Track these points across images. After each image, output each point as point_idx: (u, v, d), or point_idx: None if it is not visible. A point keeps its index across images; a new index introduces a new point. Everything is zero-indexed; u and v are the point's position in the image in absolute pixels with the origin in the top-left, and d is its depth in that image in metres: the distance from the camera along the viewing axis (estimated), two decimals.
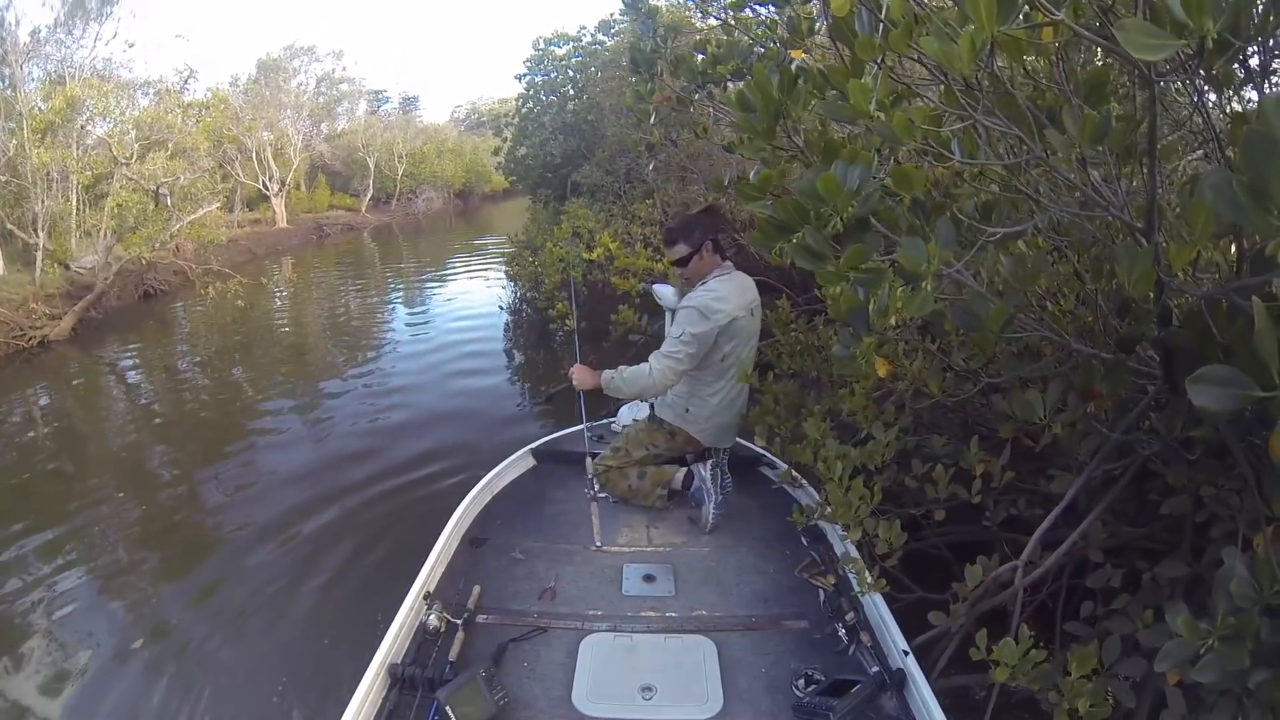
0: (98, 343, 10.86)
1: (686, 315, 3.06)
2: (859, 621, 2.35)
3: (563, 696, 2.14)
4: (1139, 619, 1.85)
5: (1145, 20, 0.98)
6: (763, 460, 3.59)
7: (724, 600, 2.64)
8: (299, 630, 3.63)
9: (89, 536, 4.76)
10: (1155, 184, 1.52)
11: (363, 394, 7.83)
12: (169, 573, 4.31)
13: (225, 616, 3.78)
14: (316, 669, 3.31)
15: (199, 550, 4.57)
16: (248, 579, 4.14)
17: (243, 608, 3.84)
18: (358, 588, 3.94)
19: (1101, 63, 1.89)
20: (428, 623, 2.39)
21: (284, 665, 3.35)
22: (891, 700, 2.06)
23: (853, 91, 1.41)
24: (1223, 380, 1.06)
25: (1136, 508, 2.38)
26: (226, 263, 13.72)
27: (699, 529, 3.10)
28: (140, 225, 12.12)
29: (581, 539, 3.03)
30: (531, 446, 3.74)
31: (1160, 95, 1.83)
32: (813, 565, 2.73)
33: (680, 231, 3.26)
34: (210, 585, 4.11)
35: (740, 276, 3.27)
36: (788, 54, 2.94)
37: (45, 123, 12.35)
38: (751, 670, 2.25)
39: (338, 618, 3.68)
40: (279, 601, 3.90)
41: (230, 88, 24.53)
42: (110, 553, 4.54)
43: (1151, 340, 1.97)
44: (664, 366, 3.05)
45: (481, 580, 2.69)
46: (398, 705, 2.09)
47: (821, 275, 1.55)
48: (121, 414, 7.98)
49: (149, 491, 5.66)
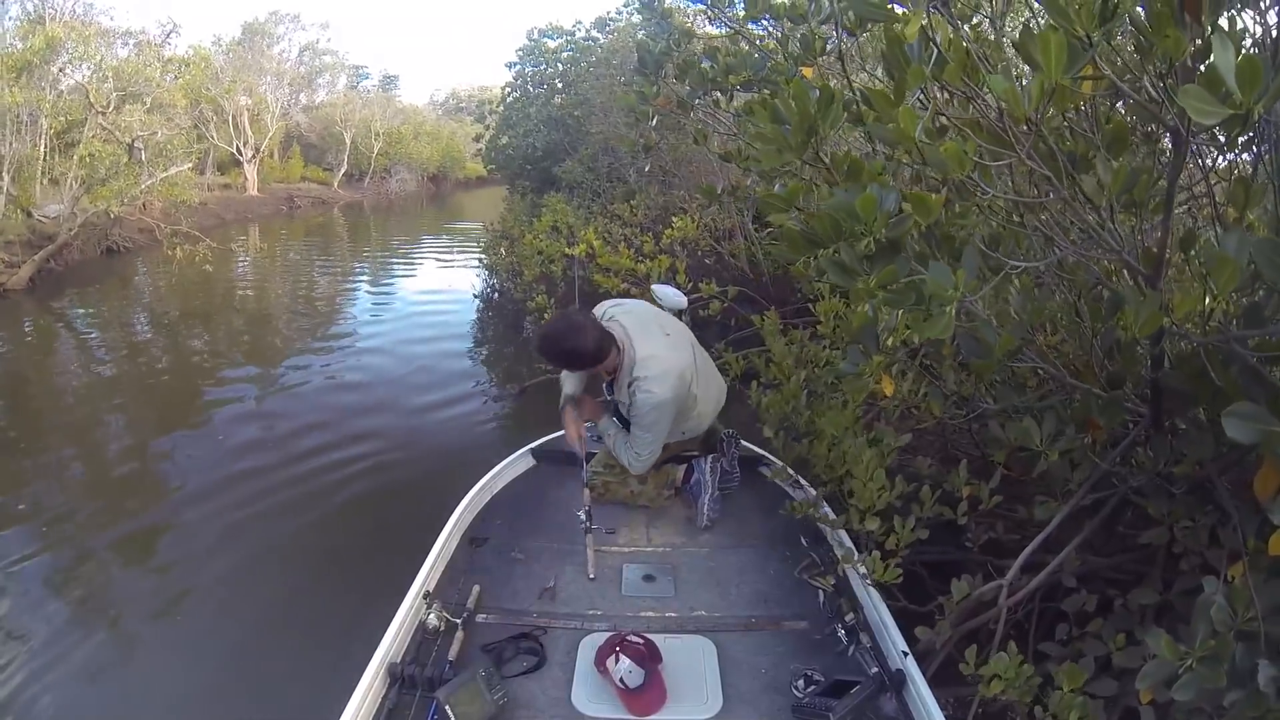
0: (56, 295, 10.60)
1: (655, 414, 2.88)
2: (859, 622, 2.37)
3: (562, 696, 2.14)
4: (1111, 641, 1.96)
5: (1198, 86, 1.06)
6: (763, 460, 3.60)
7: (723, 600, 2.65)
8: (248, 615, 3.56)
9: (32, 499, 4.65)
10: (1168, 235, 1.62)
11: (325, 371, 7.70)
12: (117, 546, 4.20)
13: (168, 596, 3.70)
14: (263, 656, 3.27)
15: (147, 526, 4.45)
16: (195, 557, 4.05)
17: (189, 587, 3.77)
18: (304, 568, 3.92)
19: (1123, 116, 1.99)
20: (427, 622, 2.38)
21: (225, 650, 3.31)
22: (891, 701, 2.09)
23: (902, 117, 1.48)
24: (1250, 416, 1.16)
25: (1105, 539, 2.50)
26: (195, 226, 13.42)
27: (696, 524, 3.11)
28: (111, 178, 11.82)
29: (581, 539, 3.01)
30: (531, 446, 3.71)
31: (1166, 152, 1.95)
32: (813, 566, 2.75)
33: (571, 357, 2.92)
34: (161, 565, 4.04)
35: (639, 312, 3.07)
36: (798, 70, 3.03)
37: (22, 62, 12.00)
38: (751, 671, 2.26)
39: (285, 599, 3.65)
40: (223, 579, 3.84)
41: (212, 47, 24.05)
42: (57, 521, 4.41)
43: (1138, 380, 2.09)
44: (633, 459, 3.00)
45: (481, 580, 2.68)
46: (397, 704, 2.08)
47: (853, 291, 1.61)
48: (75, 371, 7.80)
49: (98, 454, 5.57)
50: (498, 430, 6.08)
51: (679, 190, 8.80)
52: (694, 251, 7.56)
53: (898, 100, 1.67)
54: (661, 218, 8.65)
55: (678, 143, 7.37)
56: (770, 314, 4.14)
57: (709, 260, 7.64)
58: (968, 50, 1.45)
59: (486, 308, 10.83)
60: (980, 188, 1.67)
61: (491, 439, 5.84)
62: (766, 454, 3.58)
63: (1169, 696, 1.51)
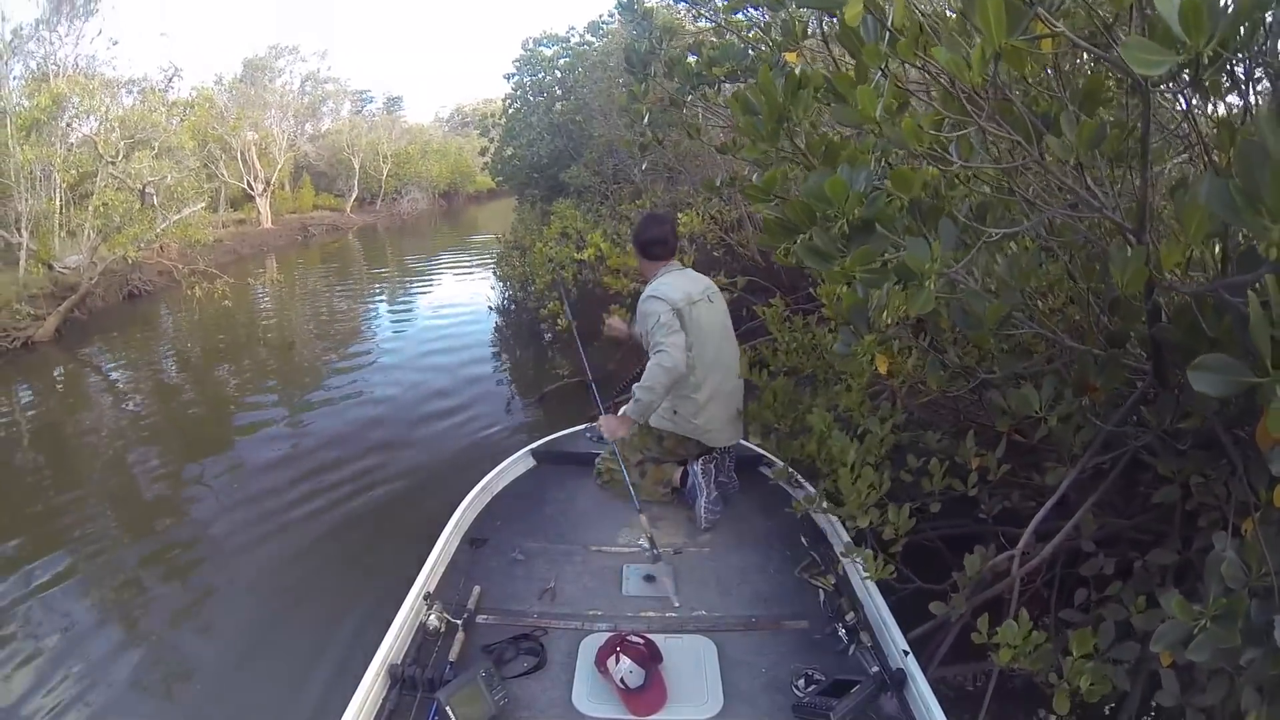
0: (82, 343, 10.79)
1: (642, 309, 3.23)
2: (859, 621, 2.37)
3: (562, 696, 2.15)
4: (1132, 605, 1.92)
5: (1144, 36, 1.04)
6: (763, 460, 3.61)
7: (724, 600, 2.65)
8: (289, 636, 3.59)
9: (73, 542, 4.71)
10: (1147, 187, 1.59)
11: (351, 393, 7.80)
12: (156, 576, 4.28)
13: (208, 620, 3.78)
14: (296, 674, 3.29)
15: (185, 555, 4.54)
16: (235, 581, 4.13)
17: (227, 614, 3.82)
18: (342, 586, 3.93)
19: (1094, 71, 1.95)
20: (428, 623, 2.40)
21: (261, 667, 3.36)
22: (891, 700, 2.08)
23: (860, 97, 1.47)
24: (1220, 368, 1.14)
25: (1125, 500, 2.46)
26: (211, 263, 13.61)
27: (692, 523, 3.12)
28: (126, 225, 12.01)
29: (581, 539, 3.04)
30: (531, 447, 3.74)
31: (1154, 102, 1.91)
32: (813, 565, 2.75)
33: (643, 229, 3.48)
34: (200, 590, 4.10)
35: (686, 271, 3.43)
36: (782, 57, 3.01)
37: (30, 120, 12.22)
38: (751, 670, 2.26)
39: (322, 614, 3.66)
40: (262, 603, 3.89)
41: (215, 86, 24.38)
42: (96, 557, 4.50)
43: (1141, 337, 2.05)
44: (658, 350, 3.07)
45: (481, 580, 2.70)
46: (398, 705, 2.10)
47: (829, 275, 1.60)
48: (106, 412, 7.93)
49: (129, 485, 5.69)
50: (519, 437, 6.07)
51: (684, 186, 8.79)
52: (703, 245, 7.56)
53: (860, 80, 1.66)
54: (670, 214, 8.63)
55: (679, 139, 7.36)
56: (775, 302, 4.12)
57: (718, 252, 7.63)
58: (920, 25, 1.43)
59: (503, 319, 10.91)
60: (950, 158, 1.65)
61: (513, 445, 5.82)
62: (767, 454, 3.59)
63: (1187, 658, 1.48)
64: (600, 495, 3.40)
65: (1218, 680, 1.61)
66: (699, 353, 3.18)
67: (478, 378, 8.03)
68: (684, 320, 3.13)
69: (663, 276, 3.30)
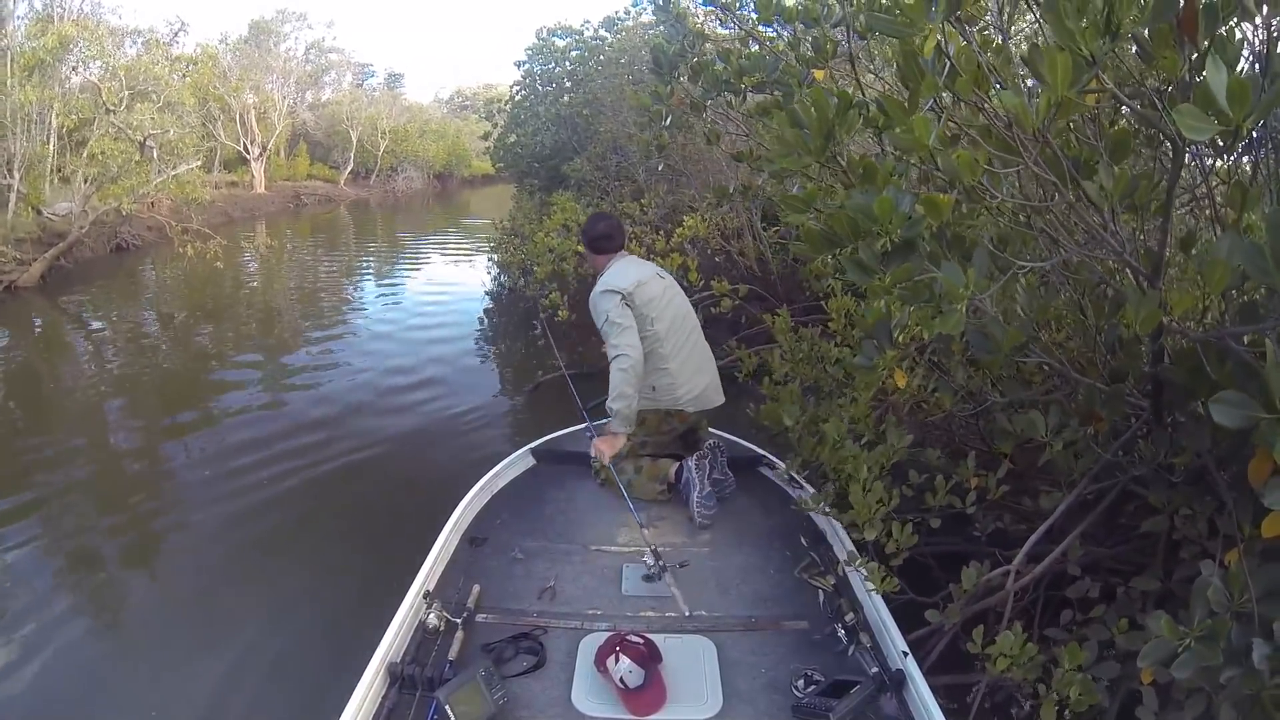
0: (66, 291, 10.71)
1: (593, 304, 3.39)
2: (858, 622, 2.39)
3: (562, 696, 2.15)
4: (1114, 627, 2.04)
5: (1193, 104, 1.15)
6: (763, 460, 3.65)
7: (724, 600, 2.65)
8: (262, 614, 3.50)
9: (38, 486, 4.72)
10: (1167, 237, 1.71)
11: (332, 366, 7.73)
12: (126, 545, 4.21)
13: (182, 591, 3.71)
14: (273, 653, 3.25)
15: (157, 535, 4.42)
16: (203, 548, 4.08)
17: (199, 583, 3.76)
18: (303, 564, 3.89)
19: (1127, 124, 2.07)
20: (427, 622, 2.40)
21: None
22: (891, 701, 2.11)
23: (916, 126, 1.57)
24: (1237, 403, 1.26)
25: (1106, 531, 2.59)
26: (203, 223, 13.54)
27: (692, 523, 3.14)
28: (122, 175, 11.89)
29: (581, 538, 3.05)
30: (531, 446, 3.75)
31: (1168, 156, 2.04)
32: (812, 566, 2.77)
33: (582, 239, 3.73)
34: (161, 553, 4.09)
35: (631, 258, 3.60)
36: (810, 73, 3.11)
37: (34, 60, 12.07)
38: (751, 670, 2.27)
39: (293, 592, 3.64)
40: (235, 570, 3.85)
41: (219, 45, 24.16)
42: (66, 516, 4.47)
43: (1139, 375, 2.17)
44: (615, 344, 3.23)
45: (481, 579, 2.70)
46: (397, 704, 2.10)
47: (870, 288, 1.70)
48: (84, 365, 7.92)
49: (103, 445, 5.66)
50: (510, 427, 6.11)
51: (688, 189, 8.88)
52: (704, 250, 7.67)
53: (911, 109, 1.76)
54: (670, 216, 8.73)
55: (687, 142, 7.44)
56: (782, 312, 4.23)
57: (719, 259, 7.74)
58: (979, 63, 1.54)
59: (496, 304, 10.91)
60: (989, 191, 1.75)
61: (503, 436, 5.84)
62: (767, 454, 3.63)
63: (1169, 676, 1.60)
64: (600, 495, 3.41)
65: (1196, 698, 1.73)
66: (660, 326, 3.34)
67: (468, 365, 7.94)
68: (635, 301, 3.29)
69: (611, 267, 3.49)
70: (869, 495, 2.38)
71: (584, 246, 3.67)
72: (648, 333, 3.32)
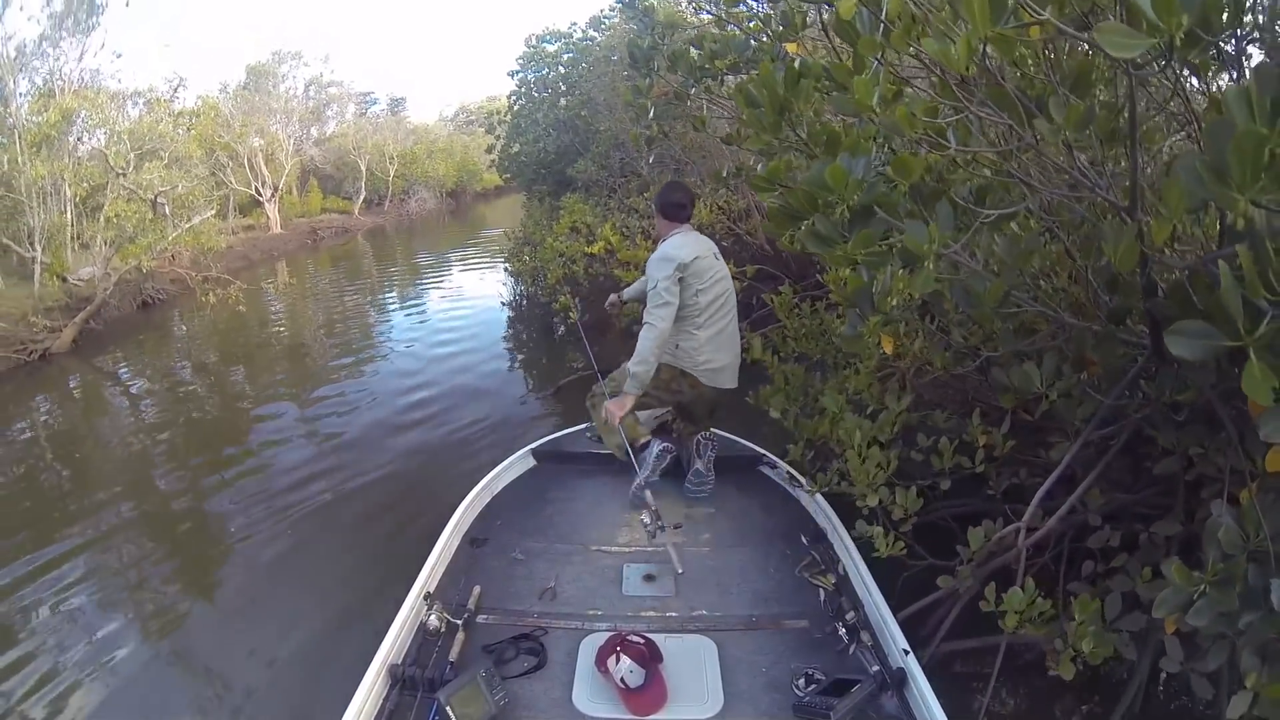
0: (99, 353, 10.89)
1: (651, 267, 3.40)
2: (859, 621, 2.38)
3: (563, 696, 2.16)
4: (1138, 576, 1.97)
5: (1121, 21, 1.08)
6: (763, 460, 3.63)
7: (724, 600, 2.65)
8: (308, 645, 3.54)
9: (96, 550, 4.75)
10: (1136, 166, 1.63)
11: (363, 390, 7.84)
12: (181, 586, 4.27)
13: (237, 627, 3.74)
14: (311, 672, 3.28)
15: (207, 561, 4.55)
16: (259, 585, 4.13)
17: (253, 616, 3.80)
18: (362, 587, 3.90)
19: (1085, 54, 1.99)
20: (428, 623, 2.41)
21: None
22: (892, 699, 2.09)
23: (857, 87, 1.52)
24: (1196, 333, 1.19)
25: (1131, 476, 2.50)
26: (223, 269, 13.70)
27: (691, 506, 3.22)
28: (139, 234, 12.12)
29: (582, 539, 3.05)
30: (532, 446, 3.76)
31: (1144, 82, 1.95)
32: (813, 564, 2.76)
33: (654, 204, 3.72)
34: (226, 597, 4.12)
35: (695, 233, 3.61)
36: (782, 47, 3.05)
37: (40, 136, 12.33)
38: (752, 670, 2.27)
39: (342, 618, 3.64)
40: (287, 607, 3.86)
41: (220, 94, 24.51)
42: (118, 565, 4.54)
43: (1139, 312, 2.09)
44: (653, 313, 3.24)
45: (482, 580, 2.71)
46: (398, 705, 2.11)
47: (831, 258, 1.65)
48: (124, 419, 8.03)
49: (147, 490, 5.74)
50: (535, 430, 6.10)
51: (691, 177, 8.83)
52: (711, 235, 7.60)
53: (858, 70, 1.71)
54: None
55: (684, 131, 7.40)
56: (784, 289, 4.16)
57: (727, 242, 7.68)
58: (913, 16, 1.48)
59: (515, 314, 10.96)
60: (946, 143, 1.69)
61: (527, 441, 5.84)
62: (767, 454, 3.60)
63: (1188, 624, 1.53)
64: (601, 495, 3.41)
65: (1219, 645, 1.66)
66: (703, 298, 3.36)
67: (492, 373, 8.06)
68: (688, 271, 3.31)
69: (674, 236, 3.50)
70: (866, 462, 2.33)
71: (656, 211, 3.69)
72: (691, 301, 3.35)
